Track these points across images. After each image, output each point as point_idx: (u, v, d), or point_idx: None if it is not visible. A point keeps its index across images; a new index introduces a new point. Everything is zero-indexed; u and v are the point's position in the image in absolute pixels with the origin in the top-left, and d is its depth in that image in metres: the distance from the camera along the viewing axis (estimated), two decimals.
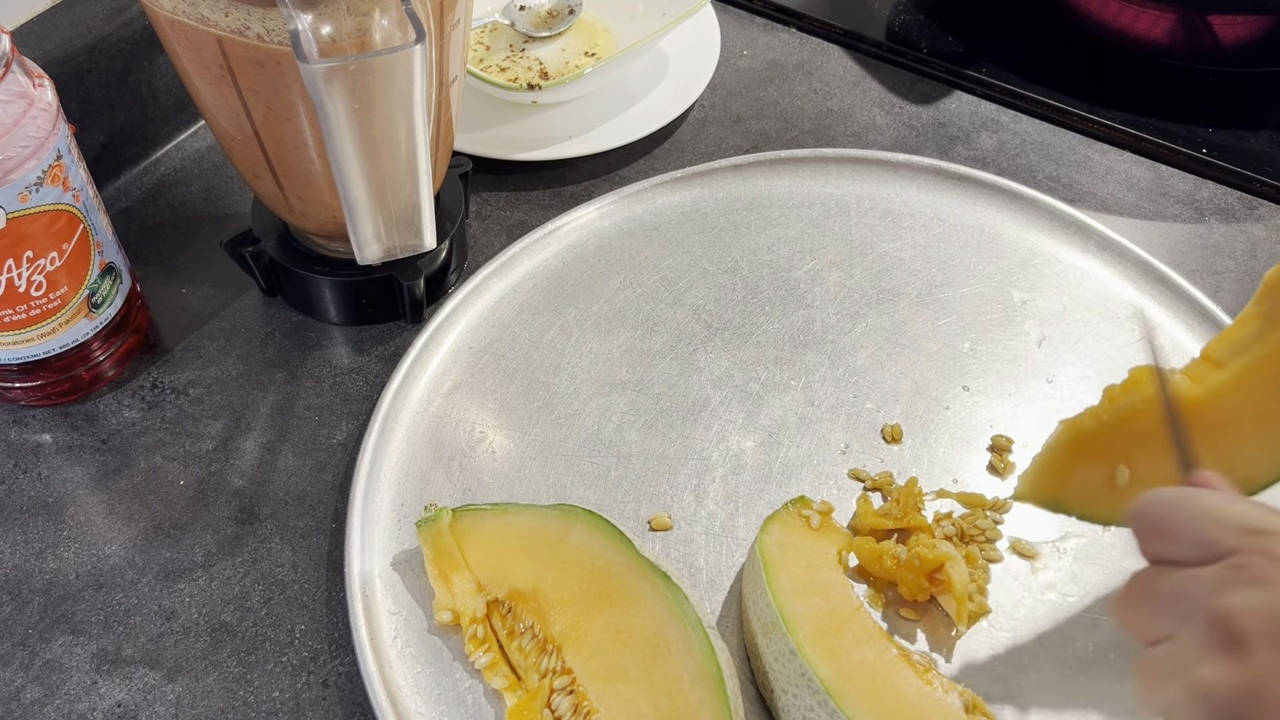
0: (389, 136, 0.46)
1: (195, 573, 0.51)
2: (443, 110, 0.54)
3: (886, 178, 0.67)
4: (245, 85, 0.48)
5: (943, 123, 0.73)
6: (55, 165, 0.49)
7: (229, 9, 0.44)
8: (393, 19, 0.45)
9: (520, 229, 0.65)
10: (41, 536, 0.52)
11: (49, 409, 0.57)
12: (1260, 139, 0.72)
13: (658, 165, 0.70)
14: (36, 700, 0.47)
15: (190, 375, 0.58)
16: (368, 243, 0.50)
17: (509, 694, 0.45)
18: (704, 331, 0.60)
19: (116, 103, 0.65)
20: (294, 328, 0.61)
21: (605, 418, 0.56)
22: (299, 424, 0.56)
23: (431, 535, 0.48)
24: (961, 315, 0.60)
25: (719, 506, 0.52)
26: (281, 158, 0.52)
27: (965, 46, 0.78)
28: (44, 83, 0.49)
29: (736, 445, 0.55)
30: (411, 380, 0.56)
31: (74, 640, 0.49)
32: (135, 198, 0.67)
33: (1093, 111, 0.73)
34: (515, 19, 0.75)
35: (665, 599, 0.45)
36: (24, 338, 0.52)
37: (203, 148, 0.70)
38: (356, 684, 0.47)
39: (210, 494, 0.54)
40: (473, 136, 0.69)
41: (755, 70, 0.77)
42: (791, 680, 0.43)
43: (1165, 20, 0.74)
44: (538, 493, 0.53)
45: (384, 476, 0.53)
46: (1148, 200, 0.69)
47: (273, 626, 0.49)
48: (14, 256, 0.49)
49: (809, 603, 0.45)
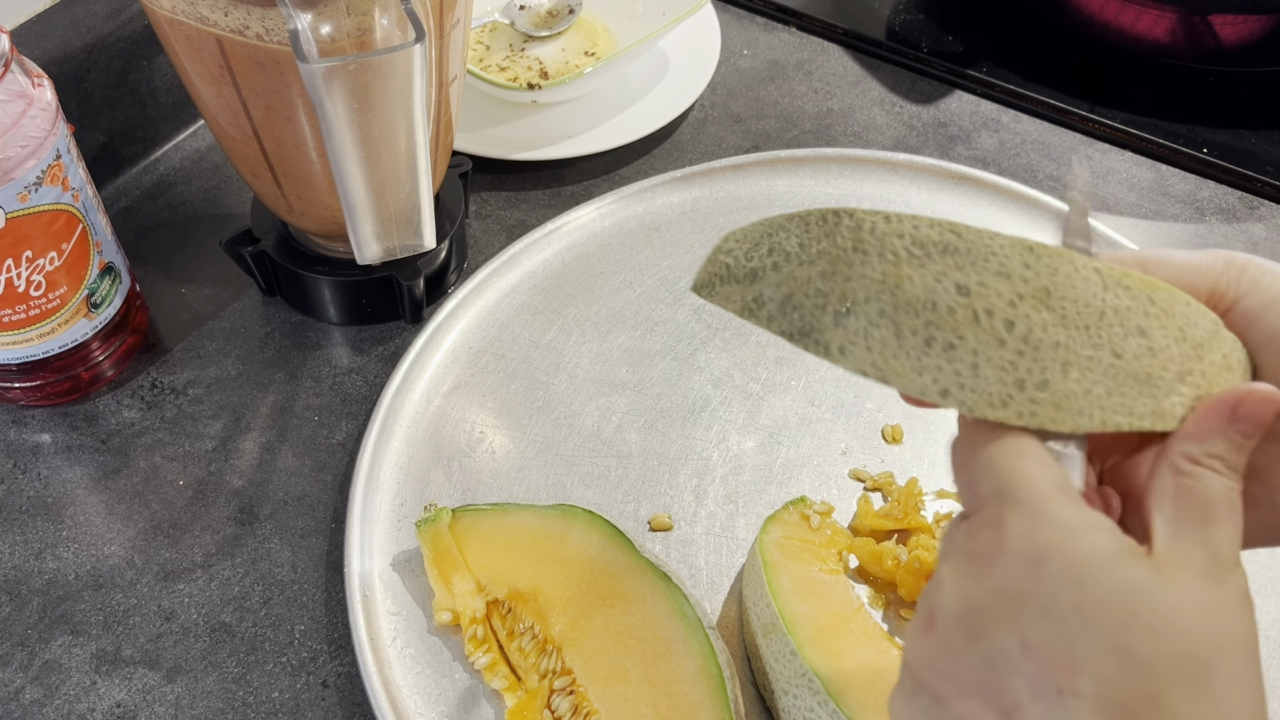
0: (389, 136, 0.46)
1: (195, 573, 0.51)
2: (442, 110, 0.54)
3: (886, 178, 0.67)
4: (245, 85, 0.48)
5: (943, 122, 0.73)
6: (54, 165, 0.49)
7: (229, 9, 0.44)
8: (392, 19, 0.45)
9: (520, 229, 0.65)
10: (41, 537, 0.52)
11: (48, 409, 0.57)
12: (1260, 139, 0.72)
13: (658, 165, 0.70)
14: (36, 700, 0.47)
15: (190, 375, 0.58)
16: (367, 242, 0.50)
17: (509, 694, 0.45)
18: (704, 331, 0.60)
19: (116, 102, 0.65)
20: (294, 328, 0.61)
21: (605, 418, 0.56)
22: (299, 424, 0.56)
23: (431, 535, 0.48)
24: None
25: (719, 506, 0.52)
26: (281, 157, 0.52)
27: (965, 46, 0.78)
28: (43, 82, 0.49)
29: (736, 445, 0.55)
30: (411, 380, 0.56)
31: (73, 640, 0.49)
32: (134, 197, 0.67)
33: (1093, 111, 0.73)
34: (515, 19, 0.75)
35: (665, 599, 0.45)
36: (23, 338, 0.52)
37: (202, 148, 0.70)
38: (356, 684, 0.47)
39: (210, 494, 0.54)
40: (473, 136, 0.69)
41: (755, 70, 0.77)
42: (792, 681, 0.43)
43: (1165, 20, 0.74)
44: (538, 493, 0.53)
45: (384, 476, 0.53)
46: (1148, 200, 0.69)
47: (272, 627, 0.49)
48: (13, 256, 0.49)
49: (809, 603, 0.45)
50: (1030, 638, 0.27)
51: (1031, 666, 0.27)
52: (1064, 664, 0.26)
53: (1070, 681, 0.26)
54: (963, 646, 0.28)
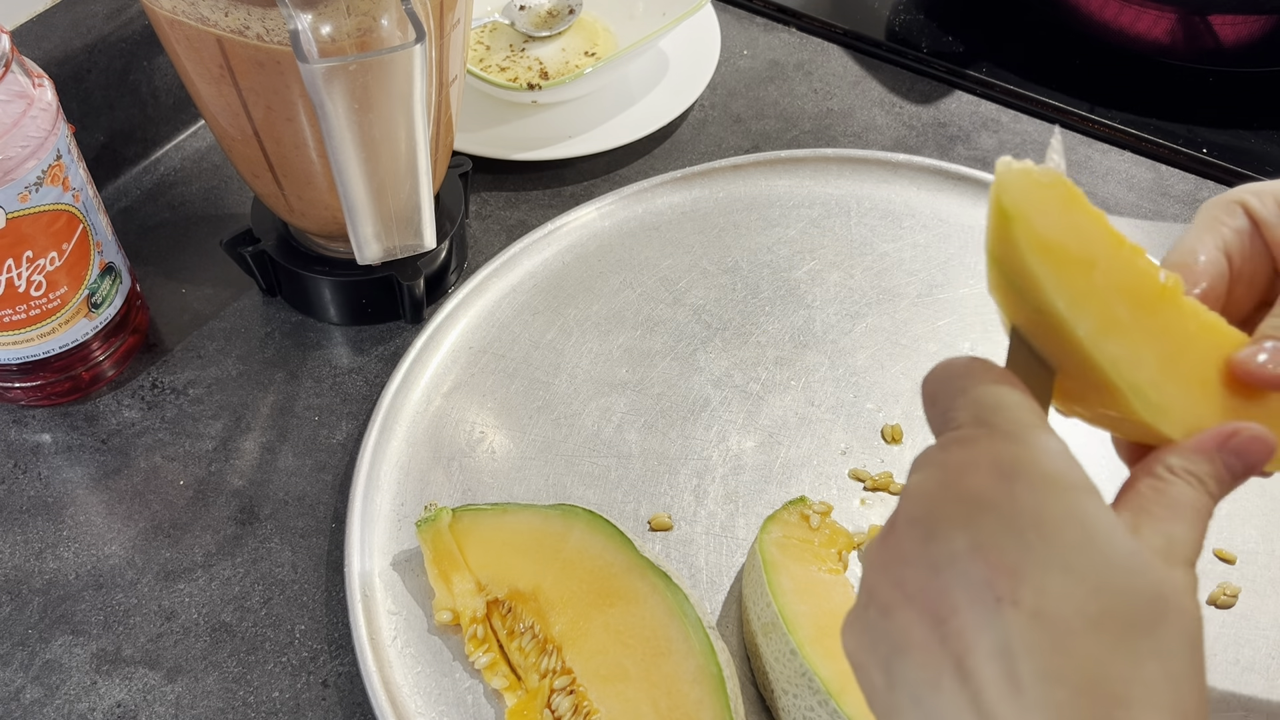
0: (389, 136, 0.46)
1: (195, 573, 0.51)
2: (443, 110, 0.54)
3: (886, 178, 0.67)
4: (245, 85, 0.48)
5: (943, 122, 0.73)
6: (55, 165, 0.49)
7: (229, 9, 0.44)
8: (392, 19, 0.45)
9: (520, 229, 0.65)
10: (41, 536, 0.52)
11: (49, 409, 0.57)
12: (1260, 139, 0.72)
13: (658, 165, 0.70)
14: (36, 700, 0.47)
15: (190, 375, 0.58)
16: (368, 243, 0.50)
17: (509, 694, 0.45)
18: (704, 331, 0.60)
19: (116, 102, 0.65)
20: (294, 328, 0.61)
21: (605, 418, 0.56)
22: (299, 424, 0.56)
23: (431, 535, 0.48)
24: (961, 315, 0.60)
25: (719, 506, 0.52)
26: (281, 157, 0.52)
27: (965, 46, 0.78)
28: (44, 82, 0.49)
29: (736, 445, 0.55)
30: (411, 380, 0.56)
31: (74, 640, 0.49)
32: (135, 197, 0.67)
33: (1093, 111, 0.73)
34: (515, 19, 0.75)
35: (665, 599, 0.45)
36: (24, 338, 0.52)
37: (203, 148, 0.70)
38: (356, 684, 0.47)
39: (210, 494, 0.54)
40: (473, 136, 0.69)
41: (755, 70, 0.77)
42: (792, 680, 0.43)
43: (1165, 20, 0.74)
44: (538, 493, 0.53)
45: (384, 476, 0.53)
46: (1148, 200, 0.69)
47: (272, 627, 0.49)
48: (14, 256, 0.49)
49: (809, 603, 0.45)
50: (983, 540, 0.26)
51: (977, 570, 0.26)
52: (1010, 571, 0.26)
53: (1012, 589, 0.26)
54: (915, 548, 0.28)
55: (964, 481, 0.28)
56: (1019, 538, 0.26)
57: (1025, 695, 0.25)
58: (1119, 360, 0.31)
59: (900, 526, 0.28)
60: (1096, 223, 0.32)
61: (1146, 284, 0.32)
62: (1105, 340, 0.31)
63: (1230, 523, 0.51)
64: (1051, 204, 0.31)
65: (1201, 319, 0.33)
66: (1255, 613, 0.48)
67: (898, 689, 0.27)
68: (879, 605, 0.28)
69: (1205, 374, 0.33)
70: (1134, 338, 0.31)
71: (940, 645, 0.26)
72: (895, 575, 0.28)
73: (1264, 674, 0.46)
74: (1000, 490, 0.27)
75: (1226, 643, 0.47)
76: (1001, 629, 0.25)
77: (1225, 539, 0.51)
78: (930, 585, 0.27)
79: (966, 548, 0.27)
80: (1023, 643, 0.25)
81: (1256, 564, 0.50)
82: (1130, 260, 0.32)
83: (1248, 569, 0.50)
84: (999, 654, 0.25)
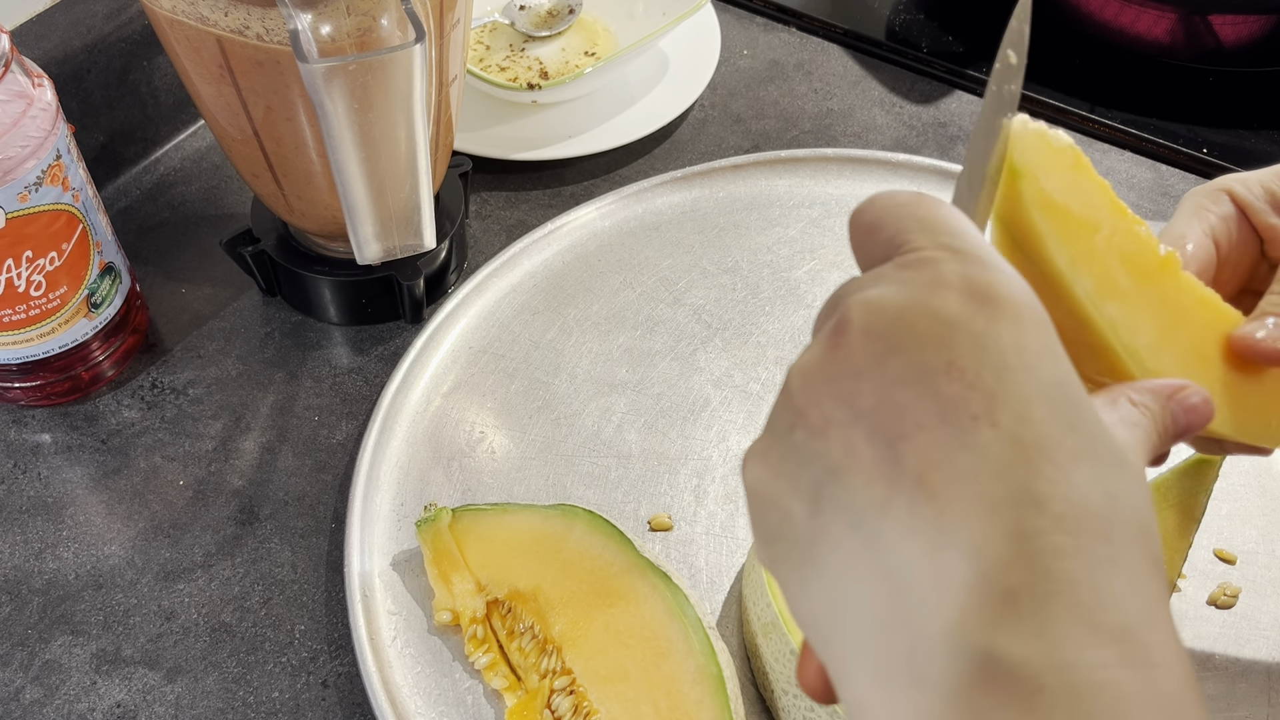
0: (389, 136, 0.46)
1: (195, 573, 0.51)
2: (442, 110, 0.54)
3: (886, 178, 0.67)
4: (245, 85, 0.48)
5: (943, 122, 0.73)
6: (54, 165, 0.49)
7: (229, 9, 0.44)
8: (392, 19, 0.45)
9: (520, 229, 0.65)
10: (41, 536, 0.52)
11: (48, 409, 0.57)
12: (1260, 139, 0.72)
13: (658, 165, 0.70)
14: (36, 700, 0.47)
15: (190, 375, 0.58)
16: (367, 242, 0.50)
17: (509, 694, 0.45)
18: (704, 331, 0.60)
19: (116, 102, 0.65)
20: (294, 328, 0.61)
21: (605, 418, 0.56)
22: (299, 424, 0.56)
23: (431, 535, 0.48)
24: None
25: (719, 506, 0.52)
26: (281, 157, 0.52)
27: (965, 46, 0.78)
28: (43, 82, 0.49)
29: (736, 445, 0.55)
30: (411, 380, 0.56)
31: (73, 640, 0.49)
32: (135, 197, 0.67)
33: (1093, 111, 0.73)
34: (515, 19, 0.75)
35: (665, 599, 0.45)
36: (23, 338, 0.52)
37: (202, 148, 0.70)
38: (356, 684, 0.47)
39: (210, 494, 0.54)
40: (473, 136, 0.69)
41: (755, 70, 0.77)
42: (792, 680, 0.43)
43: (1165, 20, 0.74)
44: (538, 493, 0.53)
45: (384, 476, 0.53)
46: (1149, 200, 0.69)
47: (272, 627, 0.49)
48: (13, 256, 0.49)
49: None
50: (960, 360, 0.24)
51: (952, 388, 0.24)
52: (988, 392, 0.24)
53: (990, 410, 0.24)
54: (872, 362, 0.25)
55: (935, 298, 0.25)
56: (999, 359, 0.24)
57: (996, 519, 0.23)
58: (1117, 323, 0.32)
59: (854, 340, 0.26)
60: (1102, 191, 0.32)
61: (1147, 254, 0.33)
62: (1104, 301, 0.31)
63: (1230, 523, 0.51)
64: (1060, 166, 0.32)
65: (1198, 293, 0.34)
66: (1255, 613, 0.48)
67: (827, 514, 0.25)
68: (810, 425, 0.26)
69: (1201, 346, 0.33)
70: (1133, 303, 0.32)
71: (894, 464, 0.24)
72: (842, 389, 0.25)
73: (1264, 674, 0.46)
74: (975, 311, 0.25)
75: (1227, 643, 0.47)
76: (976, 449, 0.24)
77: (1225, 539, 0.51)
78: (890, 400, 0.25)
79: (941, 365, 0.25)
80: (998, 464, 0.24)
81: (1256, 564, 0.50)
82: (1132, 230, 0.33)
83: (1248, 569, 0.50)
84: (970, 474, 0.24)
